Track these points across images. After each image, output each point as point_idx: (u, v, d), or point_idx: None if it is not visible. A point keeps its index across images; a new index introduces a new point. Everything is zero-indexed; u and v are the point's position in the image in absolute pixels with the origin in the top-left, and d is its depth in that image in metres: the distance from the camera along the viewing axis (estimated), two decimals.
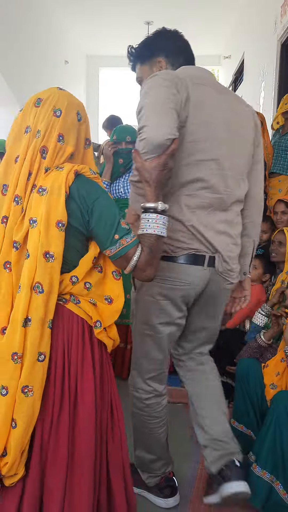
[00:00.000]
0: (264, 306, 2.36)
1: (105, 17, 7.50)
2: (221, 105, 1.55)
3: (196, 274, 1.55)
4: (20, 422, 1.14)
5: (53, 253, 1.17)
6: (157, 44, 1.68)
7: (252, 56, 6.30)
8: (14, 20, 5.75)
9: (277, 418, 1.72)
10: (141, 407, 1.74)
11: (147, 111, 1.39)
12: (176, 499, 1.85)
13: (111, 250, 1.22)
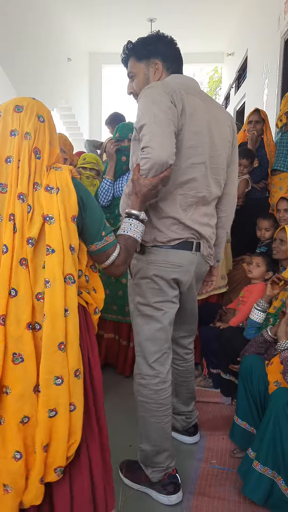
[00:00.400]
0: (260, 301, 2.36)
1: (108, 14, 7.49)
2: (205, 113, 1.73)
3: (187, 258, 1.78)
4: (78, 404, 1.29)
5: (74, 246, 1.30)
6: (157, 46, 1.78)
7: (255, 53, 6.27)
8: (16, 18, 5.75)
9: (276, 414, 1.72)
10: (148, 395, 1.82)
11: (151, 131, 1.53)
12: (179, 496, 1.87)
13: (97, 245, 1.39)
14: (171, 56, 1.81)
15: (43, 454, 1.24)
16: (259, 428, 1.82)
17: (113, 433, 2.32)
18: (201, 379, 2.90)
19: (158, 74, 1.80)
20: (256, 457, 1.77)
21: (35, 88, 6.44)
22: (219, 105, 1.90)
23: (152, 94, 1.60)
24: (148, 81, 1.80)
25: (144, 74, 1.81)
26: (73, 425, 1.28)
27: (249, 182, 3.53)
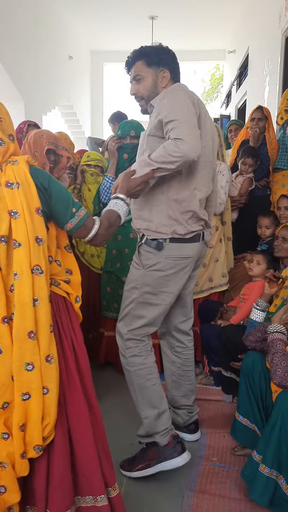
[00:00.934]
0: (259, 300, 2.36)
1: (109, 12, 7.47)
2: (208, 119, 1.99)
3: (196, 249, 1.99)
4: (51, 386, 1.35)
5: (41, 237, 1.36)
6: (167, 57, 1.98)
7: (256, 50, 6.26)
8: (17, 16, 5.74)
9: (282, 418, 1.71)
10: (141, 361, 2.01)
11: (185, 127, 1.73)
12: (189, 453, 2.01)
13: (72, 222, 1.47)
14: (176, 70, 2.01)
15: (20, 433, 1.33)
16: (265, 431, 1.81)
17: (114, 432, 2.34)
18: (202, 377, 2.90)
19: (165, 82, 1.97)
20: (263, 461, 1.75)
21: (36, 86, 6.44)
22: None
23: (179, 95, 1.83)
24: (156, 86, 1.97)
25: (153, 79, 1.97)
26: (46, 407, 1.35)
27: (253, 181, 3.53)
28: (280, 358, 1.80)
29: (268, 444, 1.74)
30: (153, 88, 1.97)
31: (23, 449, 1.33)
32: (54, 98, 7.51)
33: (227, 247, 3.24)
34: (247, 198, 3.51)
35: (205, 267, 3.09)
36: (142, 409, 2.01)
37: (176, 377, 2.27)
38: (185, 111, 1.78)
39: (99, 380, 2.94)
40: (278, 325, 1.94)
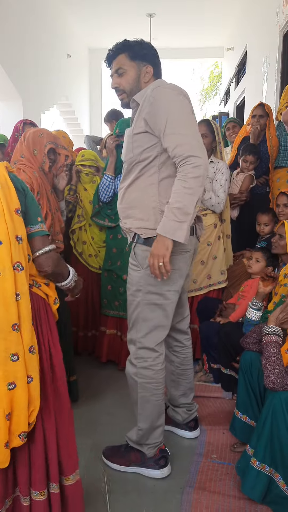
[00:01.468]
0: (253, 300, 2.36)
1: (107, 9, 7.46)
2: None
3: (191, 242, 1.96)
4: (34, 375, 1.44)
5: (21, 236, 1.43)
6: (151, 53, 1.92)
7: (255, 47, 6.25)
8: (15, 14, 5.73)
9: (273, 411, 1.72)
10: (150, 375, 1.95)
11: (192, 141, 1.73)
12: (169, 468, 2.02)
13: (31, 228, 1.51)
14: (158, 66, 1.96)
15: (6, 422, 1.38)
16: (257, 425, 1.83)
17: (115, 428, 2.35)
18: (201, 374, 2.91)
19: (148, 77, 1.91)
20: (254, 455, 1.78)
21: (34, 85, 6.43)
22: None
23: (172, 94, 1.79)
24: (139, 81, 1.91)
25: (136, 73, 1.90)
26: (31, 394, 1.44)
27: (254, 178, 3.53)
28: (273, 363, 1.80)
29: (259, 438, 1.76)
30: (136, 83, 1.91)
31: (7, 439, 1.39)
32: (52, 97, 7.50)
33: (226, 244, 3.24)
34: (248, 196, 3.51)
35: (204, 265, 3.10)
36: (139, 419, 2.00)
37: (175, 376, 2.26)
38: (183, 117, 1.76)
39: (100, 378, 2.96)
40: (273, 326, 1.92)
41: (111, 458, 2.07)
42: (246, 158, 3.48)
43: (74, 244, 3.21)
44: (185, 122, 1.76)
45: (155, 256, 1.74)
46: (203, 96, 16.16)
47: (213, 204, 3.02)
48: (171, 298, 1.94)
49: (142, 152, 1.84)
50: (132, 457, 2.03)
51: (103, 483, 1.94)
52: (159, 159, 1.83)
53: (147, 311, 1.92)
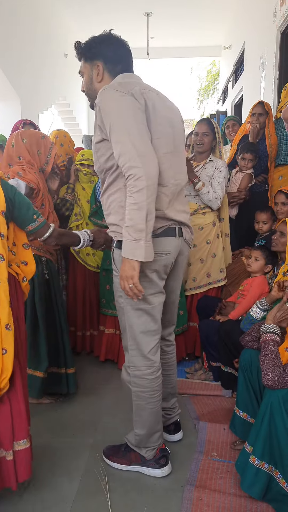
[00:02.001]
0: (263, 300, 2.36)
1: (105, 9, 7.45)
2: (163, 105, 1.82)
3: (173, 244, 1.86)
4: (9, 348, 1.68)
5: (3, 233, 1.70)
6: (99, 49, 1.85)
7: (252, 45, 6.25)
8: (13, 14, 5.73)
9: (271, 408, 1.73)
10: (144, 384, 1.90)
11: (131, 150, 1.61)
12: (170, 467, 2.01)
13: (32, 226, 1.87)
14: (113, 59, 1.85)
15: None
16: (255, 422, 1.83)
17: (115, 428, 2.35)
18: (201, 372, 2.91)
19: (100, 77, 1.87)
20: (253, 452, 1.78)
21: (33, 85, 6.42)
22: (168, 99, 1.96)
23: (113, 97, 1.68)
24: (92, 81, 1.90)
25: (88, 75, 1.90)
26: (4, 364, 1.67)
27: (253, 177, 3.53)
28: (271, 361, 1.80)
29: (257, 436, 1.76)
30: (90, 85, 1.90)
31: None
32: (50, 96, 7.50)
33: (225, 243, 3.25)
34: (248, 194, 3.52)
35: (203, 263, 3.10)
36: (136, 426, 1.99)
37: None
38: (124, 121, 1.64)
39: (100, 377, 2.96)
40: (271, 324, 1.93)
41: (112, 458, 2.07)
42: (244, 156, 3.48)
43: None
44: (126, 127, 1.64)
45: (123, 279, 1.69)
46: (201, 95, 16.16)
47: (210, 199, 3.01)
48: (155, 301, 1.86)
49: (106, 161, 1.77)
50: (132, 457, 2.03)
51: (103, 482, 1.95)
52: None
53: (133, 316, 1.86)
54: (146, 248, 1.64)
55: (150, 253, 1.66)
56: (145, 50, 8.20)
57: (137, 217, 1.61)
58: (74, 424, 2.42)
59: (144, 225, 1.61)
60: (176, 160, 1.86)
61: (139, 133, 1.64)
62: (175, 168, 1.85)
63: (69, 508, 1.81)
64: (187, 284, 3.15)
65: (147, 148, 1.64)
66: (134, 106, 1.68)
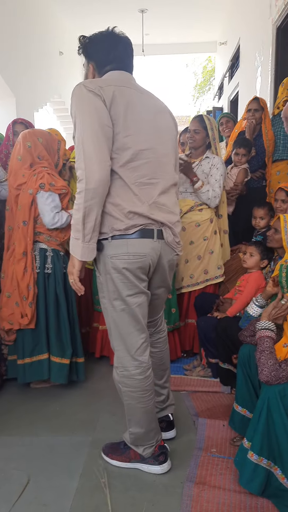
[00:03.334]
0: (259, 297, 2.36)
1: (99, 5, 7.42)
2: (142, 102, 1.79)
3: (149, 246, 1.79)
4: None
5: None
6: (92, 51, 1.88)
7: (248, 41, 6.24)
8: (7, 12, 5.70)
9: (268, 404, 1.73)
10: (133, 384, 1.88)
11: (79, 160, 1.64)
12: (169, 463, 2.01)
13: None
14: (102, 62, 1.85)
15: None
16: (252, 418, 1.83)
17: (114, 425, 2.35)
18: (200, 369, 2.91)
19: (91, 76, 1.90)
20: (251, 448, 1.78)
21: (27, 83, 6.40)
22: (157, 97, 1.94)
23: (79, 95, 1.68)
24: (87, 78, 1.91)
25: (85, 74, 1.94)
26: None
27: (248, 172, 3.53)
28: (266, 357, 1.81)
29: (255, 431, 1.77)
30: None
31: None
32: (45, 94, 7.47)
33: (223, 239, 3.24)
34: (244, 189, 3.51)
35: (200, 259, 3.10)
36: (129, 425, 1.98)
37: None
38: (79, 123, 1.65)
39: (97, 375, 2.96)
40: (266, 321, 1.95)
41: (111, 455, 2.07)
42: (237, 151, 3.48)
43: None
44: (82, 128, 1.64)
45: (68, 273, 1.80)
46: (197, 91, 16.13)
47: (209, 198, 3.02)
48: (134, 302, 1.81)
49: None
50: (132, 454, 2.03)
51: (103, 479, 1.95)
52: None
53: (115, 317, 1.85)
54: (83, 248, 1.69)
55: (88, 254, 1.72)
56: (140, 47, 8.18)
57: (76, 217, 1.67)
58: (73, 422, 2.42)
59: (81, 226, 1.66)
60: (158, 158, 1.81)
61: (92, 134, 1.63)
62: (155, 166, 1.80)
63: (69, 505, 1.80)
64: (184, 281, 3.14)
65: (95, 151, 1.63)
66: (95, 105, 1.65)
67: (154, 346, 2.14)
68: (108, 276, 1.80)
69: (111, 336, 1.93)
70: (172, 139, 1.92)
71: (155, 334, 2.15)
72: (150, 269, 1.84)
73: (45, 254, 2.68)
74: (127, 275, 1.77)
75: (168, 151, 1.87)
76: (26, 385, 2.80)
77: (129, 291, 1.80)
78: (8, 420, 2.44)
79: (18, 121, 3.30)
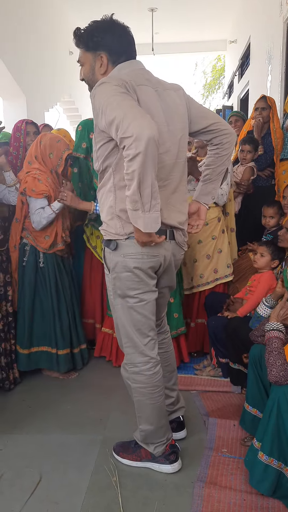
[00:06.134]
0: (268, 297, 2.35)
1: (109, 4, 7.42)
2: (159, 102, 1.74)
3: (162, 247, 1.80)
4: None
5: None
6: (104, 38, 1.75)
7: (258, 39, 6.20)
8: (16, 11, 5.72)
9: (278, 404, 1.72)
10: (143, 380, 1.89)
11: (124, 120, 1.48)
12: (180, 463, 2.01)
13: None
14: (118, 50, 1.77)
15: None
16: (262, 418, 1.83)
17: (124, 424, 2.36)
18: (210, 369, 2.91)
19: (104, 68, 1.79)
20: (261, 448, 1.77)
21: (38, 83, 6.42)
22: (168, 85, 1.86)
23: (105, 89, 1.59)
24: (94, 72, 1.82)
25: (90, 65, 1.81)
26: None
27: (255, 170, 3.51)
28: (275, 357, 1.81)
29: (265, 432, 1.76)
30: (91, 76, 1.82)
31: None
32: (56, 94, 7.50)
33: (230, 238, 3.23)
34: (251, 187, 3.49)
35: (210, 259, 3.09)
36: (139, 421, 1.98)
37: None
38: (114, 103, 1.54)
39: (105, 373, 2.96)
40: (275, 322, 1.94)
41: (122, 454, 2.07)
42: (242, 148, 3.49)
43: (88, 239, 3.21)
44: (117, 103, 1.53)
45: (143, 245, 1.70)
46: (206, 90, 16.08)
47: (217, 196, 3.00)
48: (146, 298, 1.83)
49: (103, 161, 1.75)
50: (143, 453, 2.03)
51: (114, 478, 1.95)
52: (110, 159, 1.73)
53: (123, 315, 1.86)
54: (144, 219, 1.56)
55: (151, 224, 1.58)
56: (149, 46, 8.16)
57: (131, 188, 1.53)
58: (84, 420, 2.43)
59: (137, 196, 1.52)
60: (173, 160, 1.79)
61: (130, 105, 1.54)
62: (170, 169, 1.79)
63: (80, 503, 1.82)
64: (194, 281, 3.14)
65: (140, 114, 1.50)
66: (124, 93, 1.60)
67: (159, 347, 2.13)
68: (119, 274, 1.80)
69: (118, 333, 1.94)
70: (184, 136, 1.86)
71: (159, 335, 2.15)
72: (160, 268, 1.85)
73: (24, 248, 2.84)
74: (138, 273, 1.78)
75: (178, 152, 1.82)
76: (37, 383, 2.82)
77: (138, 290, 1.81)
78: (20, 418, 2.46)
79: (29, 122, 3.30)
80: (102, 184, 1.82)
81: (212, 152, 1.96)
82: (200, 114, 1.90)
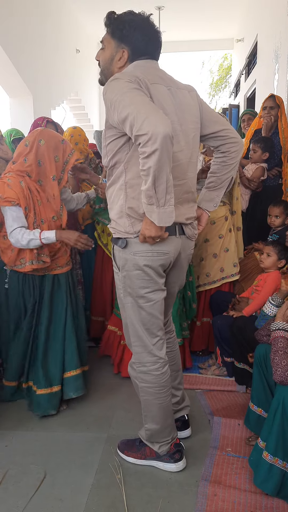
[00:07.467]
0: (275, 296, 2.34)
1: (115, 3, 7.41)
2: (172, 101, 1.73)
3: (172, 244, 1.79)
4: None
5: None
6: (133, 35, 1.74)
7: (265, 38, 6.18)
8: (25, 11, 5.73)
9: (283, 403, 1.72)
10: (150, 380, 1.89)
11: (138, 116, 1.46)
12: (184, 462, 2.01)
13: None
14: (141, 49, 1.76)
15: None
16: (267, 418, 1.83)
17: (129, 422, 2.36)
18: (215, 368, 2.91)
19: (122, 62, 1.78)
20: (266, 448, 1.77)
21: (44, 81, 6.44)
22: (182, 85, 1.85)
23: (118, 85, 1.58)
24: (112, 63, 1.80)
25: (111, 52, 1.79)
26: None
27: (265, 171, 3.50)
28: (280, 357, 1.80)
29: (270, 431, 1.76)
30: (109, 64, 1.80)
31: None
32: (62, 92, 7.51)
33: (237, 236, 3.23)
34: (260, 186, 3.49)
35: (216, 258, 3.08)
36: (145, 420, 1.99)
37: None
38: (127, 99, 1.53)
39: (110, 371, 2.97)
40: (281, 322, 1.94)
41: (126, 452, 2.08)
42: (252, 147, 3.52)
43: (99, 236, 3.21)
44: (129, 100, 1.52)
45: (149, 239, 1.68)
46: (213, 89, 16.04)
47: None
48: (154, 298, 1.83)
49: (113, 157, 1.74)
50: (147, 451, 2.04)
51: (118, 475, 1.96)
52: (123, 155, 1.72)
53: (132, 314, 1.86)
54: (159, 213, 1.57)
55: (165, 218, 1.58)
56: None
57: (146, 184, 1.53)
58: (89, 418, 2.43)
59: (152, 191, 1.52)
60: (187, 158, 1.80)
61: (143, 101, 1.53)
62: (185, 167, 1.80)
63: (85, 501, 1.82)
64: (200, 280, 3.14)
65: (154, 111, 1.49)
66: (137, 89, 1.58)
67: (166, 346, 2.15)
68: (129, 272, 1.79)
69: (127, 332, 1.94)
70: (196, 136, 1.85)
71: (166, 334, 2.15)
72: (170, 265, 1.85)
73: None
74: (147, 271, 1.77)
75: (189, 151, 1.82)
76: None
77: (148, 288, 1.80)
78: (26, 415, 2.47)
79: (50, 121, 3.25)
80: (112, 181, 1.80)
81: (219, 160, 1.96)
82: (212, 118, 1.90)
